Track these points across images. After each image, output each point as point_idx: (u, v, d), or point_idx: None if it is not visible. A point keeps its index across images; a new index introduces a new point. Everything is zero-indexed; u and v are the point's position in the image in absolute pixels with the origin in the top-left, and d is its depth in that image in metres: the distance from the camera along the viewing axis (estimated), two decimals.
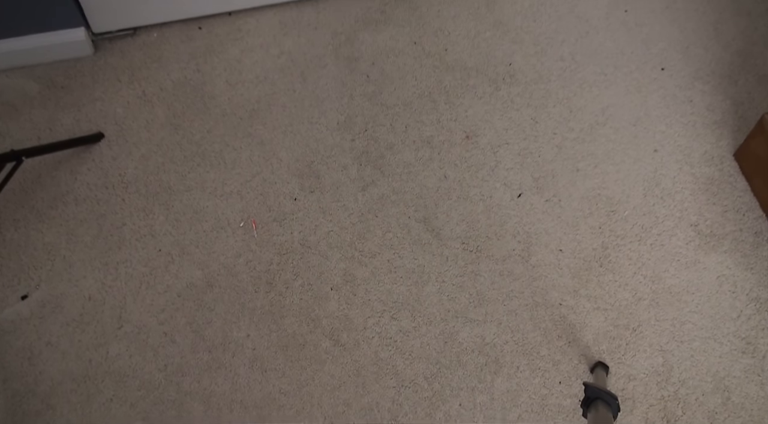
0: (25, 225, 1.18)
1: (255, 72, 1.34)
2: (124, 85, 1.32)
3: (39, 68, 1.34)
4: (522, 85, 1.33)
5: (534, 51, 1.37)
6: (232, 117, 1.29)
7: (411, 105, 1.31)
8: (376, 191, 1.22)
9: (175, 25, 1.39)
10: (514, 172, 1.24)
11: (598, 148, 1.26)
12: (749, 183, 1.21)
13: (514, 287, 1.13)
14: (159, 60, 1.35)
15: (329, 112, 1.30)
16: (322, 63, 1.35)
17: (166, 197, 1.21)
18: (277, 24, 1.40)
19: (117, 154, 1.25)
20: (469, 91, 1.32)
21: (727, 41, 1.38)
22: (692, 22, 1.41)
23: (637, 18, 1.41)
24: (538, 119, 1.29)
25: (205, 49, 1.36)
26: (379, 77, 1.34)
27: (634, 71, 1.35)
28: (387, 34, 1.39)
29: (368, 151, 1.26)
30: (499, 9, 1.42)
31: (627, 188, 1.22)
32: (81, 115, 1.29)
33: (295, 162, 1.25)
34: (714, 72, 1.34)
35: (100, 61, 1.35)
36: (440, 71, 1.35)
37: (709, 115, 1.30)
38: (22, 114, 1.29)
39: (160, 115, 1.29)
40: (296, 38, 1.38)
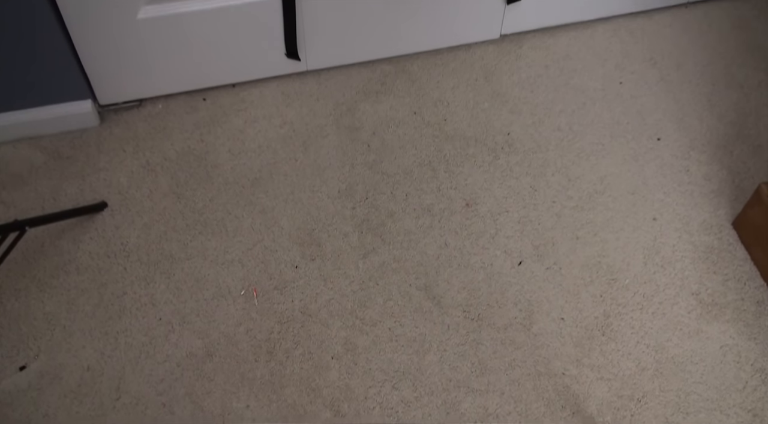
0: (26, 295, 1.18)
1: (258, 141, 1.36)
2: (128, 155, 1.34)
3: (45, 139, 1.36)
4: (521, 154, 1.35)
5: (532, 121, 1.40)
6: (235, 186, 1.30)
7: (411, 173, 1.33)
8: (377, 259, 1.22)
9: (180, 96, 1.42)
10: (515, 240, 1.24)
11: (597, 216, 1.27)
12: (749, 252, 1.22)
13: (517, 356, 1.12)
14: (163, 130, 1.38)
15: (330, 180, 1.32)
16: (323, 133, 1.38)
17: (168, 266, 1.21)
18: (279, 95, 1.43)
19: (120, 223, 1.26)
20: (468, 160, 1.34)
21: (721, 112, 1.41)
22: (686, 94, 1.44)
23: (632, 90, 1.45)
24: (537, 188, 1.31)
25: (209, 120, 1.39)
26: (380, 146, 1.36)
27: (630, 141, 1.37)
28: (387, 105, 1.42)
29: (369, 218, 1.27)
30: (497, 80, 1.46)
31: (627, 256, 1.23)
32: (85, 184, 1.30)
33: (297, 230, 1.26)
34: (709, 142, 1.37)
35: (106, 132, 1.37)
36: (440, 140, 1.37)
37: (707, 184, 1.31)
38: (27, 184, 1.30)
39: (164, 184, 1.31)
40: (298, 109, 1.41)
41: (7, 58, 1.23)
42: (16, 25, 1.18)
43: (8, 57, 1.23)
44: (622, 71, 1.48)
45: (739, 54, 1.51)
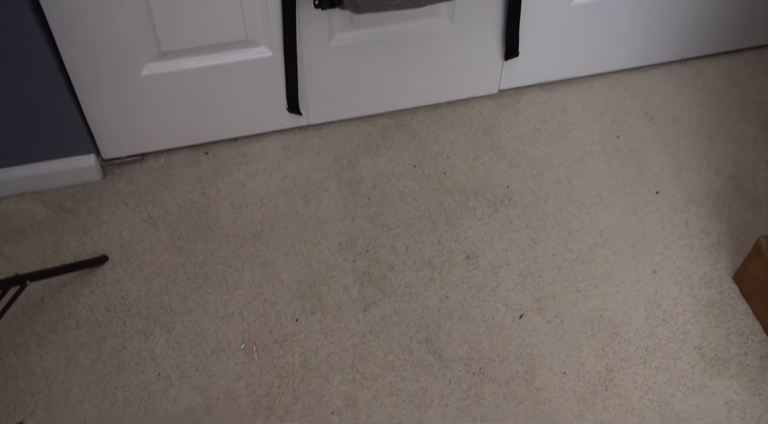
0: (25, 350, 1.17)
1: (259, 195, 1.37)
2: (130, 208, 1.35)
3: (48, 193, 1.37)
4: (520, 207, 1.36)
5: (531, 174, 1.41)
6: (236, 239, 1.31)
7: (411, 226, 1.33)
8: (377, 312, 1.22)
9: (182, 150, 1.44)
10: (515, 293, 1.24)
11: (597, 269, 1.27)
12: (750, 306, 1.22)
13: (519, 411, 1.11)
14: (166, 184, 1.39)
15: (331, 233, 1.32)
16: (324, 186, 1.39)
17: (168, 319, 1.21)
18: (281, 149, 1.45)
19: (120, 277, 1.26)
20: (468, 213, 1.35)
21: (718, 166, 1.43)
22: (683, 148, 1.46)
23: (629, 144, 1.47)
24: (537, 240, 1.31)
25: (211, 173, 1.40)
26: (380, 199, 1.37)
27: (629, 194, 1.38)
28: (387, 158, 1.44)
29: (370, 271, 1.27)
30: (496, 134, 1.48)
31: (629, 310, 1.22)
32: (87, 238, 1.31)
33: (297, 283, 1.25)
34: (708, 196, 1.38)
35: (108, 186, 1.39)
36: (440, 193, 1.38)
37: (706, 237, 1.32)
38: (29, 238, 1.31)
39: (165, 237, 1.31)
40: (299, 162, 1.42)
41: (12, 114, 1.25)
42: (23, 81, 1.20)
43: (14, 112, 1.25)
44: (619, 125, 1.50)
45: (734, 109, 1.53)
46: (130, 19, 1.20)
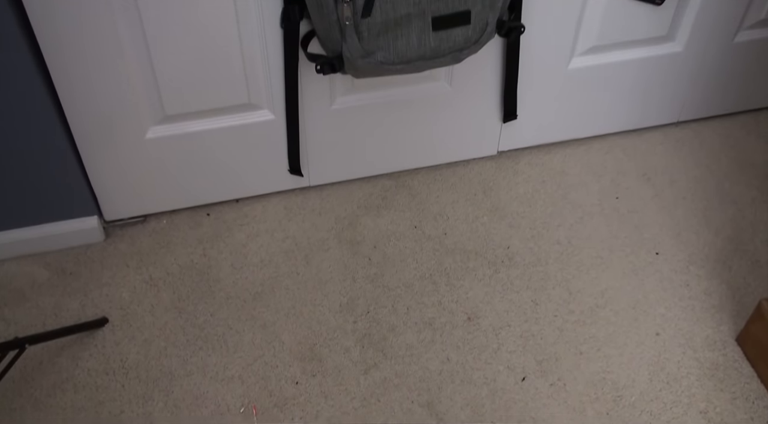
0: (21, 415, 1.16)
1: (260, 256, 1.37)
2: (131, 270, 1.35)
3: (50, 255, 1.37)
4: (521, 267, 1.36)
5: (531, 235, 1.42)
6: (236, 300, 1.30)
7: (412, 287, 1.33)
8: (378, 374, 1.21)
9: (184, 212, 1.45)
10: (517, 355, 1.23)
11: (599, 330, 1.27)
12: (755, 369, 1.21)
13: None
14: (167, 245, 1.39)
15: (332, 294, 1.32)
16: (325, 246, 1.39)
17: (167, 383, 1.19)
18: (282, 210, 1.46)
19: (120, 339, 1.25)
20: (469, 274, 1.35)
21: (717, 228, 1.44)
22: (681, 209, 1.47)
23: (628, 205, 1.48)
24: (538, 301, 1.31)
25: (213, 235, 1.41)
26: (381, 260, 1.37)
27: (629, 255, 1.39)
28: (388, 219, 1.44)
29: (370, 333, 1.26)
30: (496, 195, 1.49)
31: (632, 373, 1.21)
32: (87, 300, 1.30)
33: (298, 345, 1.25)
34: (707, 257, 1.38)
35: (110, 247, 1.39)
36: (440, 254, 1.38)
37: (707, 299, 1.32)
38: (29, 300, 1.30)
39: (165, 299, 1.31)
40: (300, 223, 1.43)
41: (16, 176, 1.26)
42: (28, 144, 1.22)
43: (18, 175, 1.26)
44: (617, 187, 1.51)
45: (731, 171, 1.55)
46: (135, 83, 1.22)
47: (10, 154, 1.22)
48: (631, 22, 1.40)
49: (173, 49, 1.20)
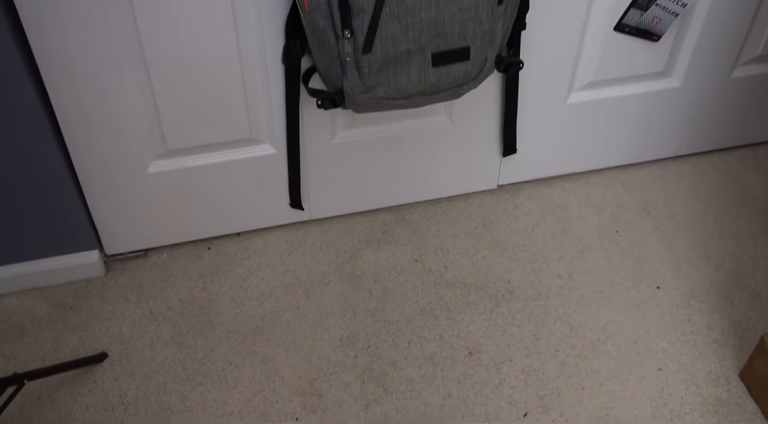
0: None
1: (260, 289, 1.37)
2: (131, 304, 1.35)
3: (50, 289, 1.37)
4: (522, 301, 1.36)
5: (531, 269, 1.42)
6: (236, 334, 1.30)
7: (413, 321, 1.33)
8: (379, 410, 1.20)
9: (185, 245, 1.45)
10: (519, 390, 1.22)
11: (601, 365, 1.26)
12: (758, 405, 1.20)
13: None
14: (168, 279, 1.39)
15: (332, 328, 1.31)
16: (325, 280, 1.39)
17: (166, 418, 1.18)
18: (283, 243, 1.46)
19: (119, 375, 1.24)
20: (470, 308, 1.35)
21: (717, 262, 1.44)
22: (681, 243, 1.47)
23: (628, 239, 1.48)
24: (539, 336, 1.30)
25: (213, 268, 1.41)
26: (382, 294, 1.37)
27: (630, 289, 1.38)
28: (389, 252, 1.44)
29: (371, 368, 1.26)
30: (496, 229, 1.49)
31: (635, 409, 1.20)
32: (87, 335, 1.30)
33: (298, 380, 1.24)
34: (708, 291, 1.38)
35: (111, 282, 1.39)
36: (441, 288, 1.38)
37: (709, 334, 1.31)
38: (28, 335, 1.30)
39: (165, 334, 1.30)
40: (301, 257, 1.43)
41: (17, 210, 1.26)
42: (29, 178, 1.22)
43: (19, 209, 1.26)
44: (617, 220, 1.52)
45: (730, 205, 1.55)
46: (137, 118, 1.23)
47: (12, 188, 1.23)
48: (628, 58, 1.42)
49: (176, 84, 1.21)
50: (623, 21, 1.34)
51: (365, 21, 1.02)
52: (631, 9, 1.33)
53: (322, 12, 1.04)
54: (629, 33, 1.37)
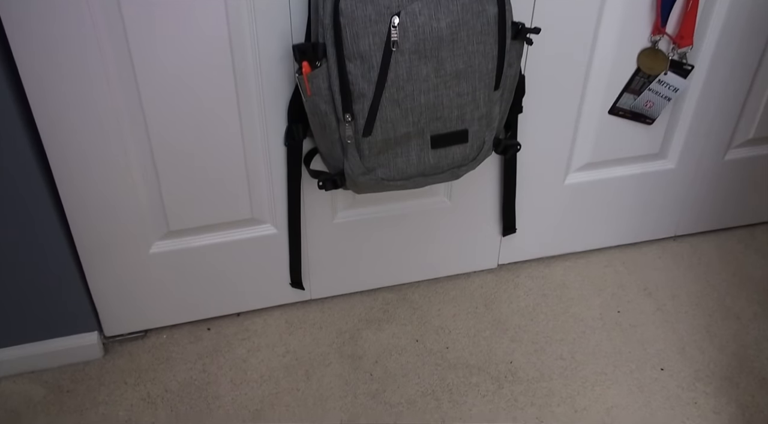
0: None
1: (260, 371, 1.36)
2: (129, 387, 1.33)
3: (47, 373, 1.35)
4: (524, 383, 1.34)
5: (533, 349, 1.40)
6: (235, 419, 1.27)
7: (415, 404, 1.30)
8: None
9: (184, 326, 1.44)
10: None
11: None
12: None
13: None
14: (166, 361, 1.37)
15: (332, 411, 1.29)
16: (326, 361, 1.38)
17: None
18: (283, 323, 1.45)
19: None
20: (472, 390, 1.33)
21: (721, 344, 1.42)
22: (684, 324, 1.46)
23: (630, 319, 1.47)
24: (543, 419, 1.28)
25: (212, 349, 1.40)
26: (383, 375, 1.35)
27: (634, 371, 1.37)
28: (389, 332, 1.43)
29: None
30: (497, 308, 1.48)
31: None
32: (83, 419, 1.27)
33: None
34: (714, 373, 1.36)
35: (109, 364, 1.37)
36: (442, 369, 1.37)
37: (716, 418, 1.29)
38: (23, 420, 1.27)
39: (162, 417, 1.28)
40: (301, 337, 1.42)
41: (16, 292, 1.26)
42: (30, 258, 1.23)
43: (19, 290, 1.26)
44: (618, 300, 1.51)
45: (731, 285, 1.55)
46: (141, 199, 1.25)
47: (12, 270, 1.23)
48: (623, 140, 1.45)
49: (180, 166, 1.23)
50: (617, 105, 1.38)
51: (366, 105, 1.05)
52: (624, 93, 1.36)
53: (324, 97, 1.07)
54: (624, 116, 1.40)
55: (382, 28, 0.99)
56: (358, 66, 1.01)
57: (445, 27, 1.01)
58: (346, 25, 0.99)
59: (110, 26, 1.06)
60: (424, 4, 0.99)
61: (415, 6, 0.99)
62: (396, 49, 1.01)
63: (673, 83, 1.33)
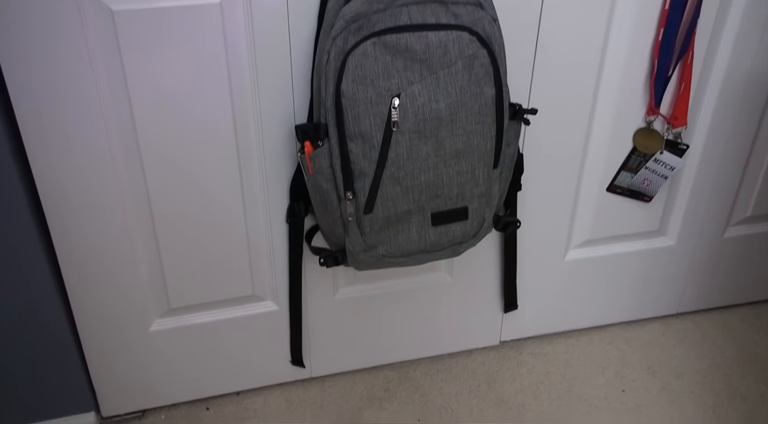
0: None
1: None
2: None
3: None
4: None
5: None
6: None
7: None
8: None
9: (183, 405, 1.42)
10: None
11: None
12: None
13: None
14: None
15: None
16: None
17: None
18: (283, 403, 1.42)
19: None
20: None
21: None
22: (691, 404, 1.44)
23: (635, 399, 1.45)
24: None
25: None
26: None
27: None
28: (391, 412, 1.41)
29: None
30: (500, 387, 1.46)
31: None
32: None
33: None
34: None
35: None
36: None
37: None
38: None
39: None
40: (302, 417, 1.39)
41: (15, 372, 1.25)
42: (31, 336, 1.22)
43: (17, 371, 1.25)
44: (622, 379, 1.49)
45: (736, 365, 1.53)
46: (143, 276, 1.25)
47: (9, 346, 1.22)
48: (622, 217, 1.46)
49: (182, 243, 1.24)
50: (615, 182, 1.40)
51: (367, 184, 1.07)
52: (621, 171, 1.38)
53: (326, 175, 1.08)
54: (622, 194, 1.42)
55: (383, 109, 1.02)
56: (359, 145, 1.04)
57: (444, 108, 1.04)
58: (348, 107, 1.01)
59: (116, 105, 1.09)
60: (424, 86, 1.02)
61: (414, 88, 1.02)
62: (396, 129, 1.03)
63: (669, 162, 1.36)
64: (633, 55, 1.27)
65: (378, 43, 0.99)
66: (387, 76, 1.01)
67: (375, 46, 0.99)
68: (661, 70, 1.26)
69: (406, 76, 1.01)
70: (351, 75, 1.00)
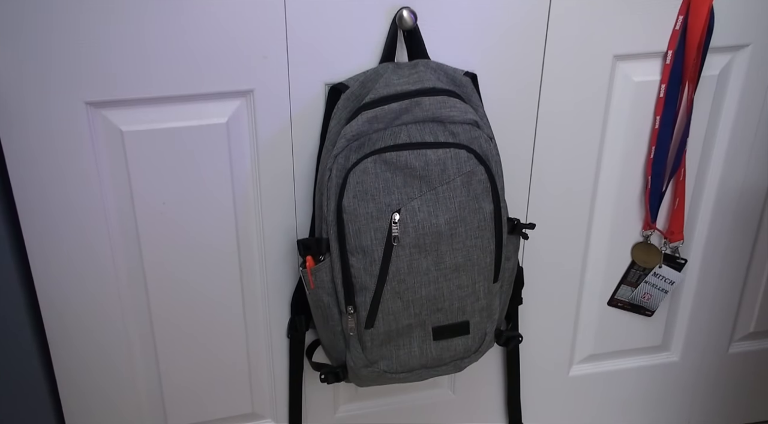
0: None
1: None
2: None
3: None
4: None
5: None
6: None
7: None
8: None
9: None
10: None
11: None
12: None
13: None
14: None
15: None
16: None
17: None
18: None
19: None
20: None
21: None
22: None
23: None
24: None
25: None
26: None
27: None
28: None
29: None
30: None
31: None
32: None
33: None
34: None
35: None
36: None
37: None
38: None
39: None
40: None
41: None
42: None
43: None
44: None
45: None
46: (141, 394, 1.24)
47: None
48: (625, 332, 1.44)
49: (182, 358, 1.23)
50: (615, 296, 1.40)
51: (368, 298, 1.07)
52: (621, 285, 1.39)
53: (327, 289, 1.09)
54: (623, 308, 1.41)
55: (384, 224, 1.04)
56: (360, 260, 1.05)
57: (444, 223, 1.05)
58: (349, 222, 1.03)
59: (122, 221, 1.12)
60: (423, 201, 1.04)
61: (414, 203, 1.04)
62: (397, 243, 1.04)
63: (668, 276, 1.36)
64: (627, 171, 1.30)
65: (378, 161, 1.02)
66: (387, 192, 1.03)
67: (375, 163, 1.02)
68: (654, 186, 1.28)
69: (406, 191, 1.03)
70: (352, 191, 1.02)
